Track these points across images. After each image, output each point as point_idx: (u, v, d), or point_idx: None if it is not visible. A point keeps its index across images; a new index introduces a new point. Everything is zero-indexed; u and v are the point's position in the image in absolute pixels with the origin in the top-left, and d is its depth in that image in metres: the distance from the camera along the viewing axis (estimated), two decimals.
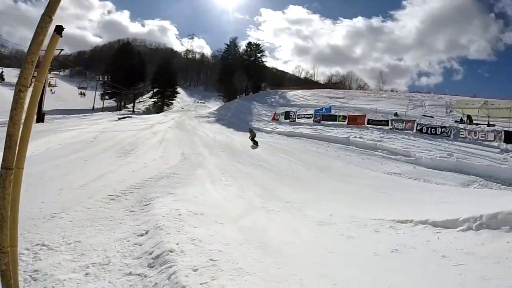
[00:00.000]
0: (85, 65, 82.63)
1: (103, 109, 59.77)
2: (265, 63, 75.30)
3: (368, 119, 32.13)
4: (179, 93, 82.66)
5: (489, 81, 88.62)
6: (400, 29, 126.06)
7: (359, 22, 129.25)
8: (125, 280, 4.33)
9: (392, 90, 63.20)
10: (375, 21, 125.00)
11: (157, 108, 72.70)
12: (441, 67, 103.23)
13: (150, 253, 4.95)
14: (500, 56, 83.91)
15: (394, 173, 20.09)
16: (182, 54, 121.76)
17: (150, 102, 76.65)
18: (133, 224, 6.40)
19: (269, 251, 5.59)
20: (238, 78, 64.62)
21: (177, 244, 5.10)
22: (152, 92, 77.04)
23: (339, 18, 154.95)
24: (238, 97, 65.58)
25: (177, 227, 5.99)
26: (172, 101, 78.05)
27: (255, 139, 28.19)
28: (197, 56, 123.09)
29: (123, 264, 4.76)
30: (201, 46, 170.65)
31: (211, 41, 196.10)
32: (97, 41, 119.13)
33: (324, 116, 36.42)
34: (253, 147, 26.09)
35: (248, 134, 28.91)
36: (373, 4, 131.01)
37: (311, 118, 37.61)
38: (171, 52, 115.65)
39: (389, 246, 6.03)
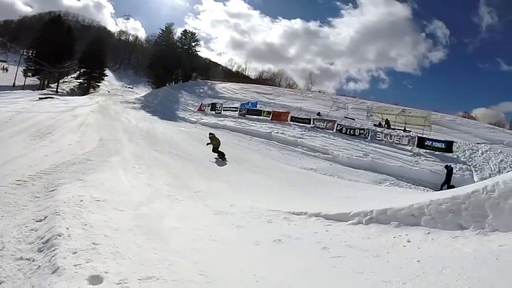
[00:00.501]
0: (11, 37, 76.47)
1: (24, 87, 55.66)
2: (198, 52, 74.58)
3: (292, 117, 32.61)
4: (107, 75, 77.89)
5: (411, 93, 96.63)
6: (336, 35, 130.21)
7: (297, 23, 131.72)
8: (15, 265, 4.42)
9: (319, 92, 64.64)
10: (313, 25, 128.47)
11: (83, 90, 67.94)
12: (369, 75, 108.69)
13: (42, 238, 4.99)
14: (424, 71, 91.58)
15: (311, 169, 20.48)
16: (115, 34, 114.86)
17: (75, 83, 71.31)
18: (35, 210, 6.32)
19: (154, 238, 5.61)
20: (169, 65, 63.33)
21: (67, 229, 5.16)
22: (78, 72, 71.52)
23: (279, 17, 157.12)
24: (167, 84, 63.91)
25: (74, 213, 6.04)
26: (99, 84, 73.27)
27: (220, 149, 19.13)
28: (131, 38, 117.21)
29: (16, 250, 4.82)
30: (136, 29, 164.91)
31: (147, 24, 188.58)
32: (27, 10, 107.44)
33: (249, 110, 36.53)
34: (218, 163, 17.89)
35: (207, 141, 19.61)
36: (313, 8, 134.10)
37: (237, 111, 37.50)
38: (104, 31, 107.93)
39: (274, 236, 5.90)
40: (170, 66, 64.05)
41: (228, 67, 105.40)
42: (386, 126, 30.97)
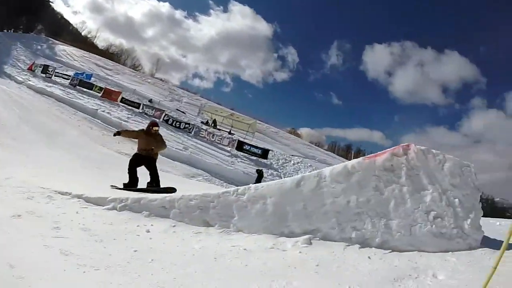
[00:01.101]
0: None
1: None
2: (52, 4, 69.55)
3: (123, 98, 32.36)
4: None
5: (251, 101, 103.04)
6: (197, 31, 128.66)
7: (164, 7, 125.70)
8: None
9: (162, 80, 63.52)
10: (179, 14, 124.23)
11: None
12: (216, 76, 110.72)
13: None
14: (265, 86, 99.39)
15: (126, 154, 20.56)
16: None
17: None
18: None
19: None
20: (13, 8, 55.38)
21: None
22: None
23: None
24: (4, 31, 55.32)
25: None
26: None
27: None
28: None
29: None
30: None
31: None
32: None
33: (82, 82, 34.89)
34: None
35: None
36: None
37: (69, 79, 35.40)
38: None
39: (17, 212, 5.65)
40: (14, 10, 55.94)
41: (78, 30, 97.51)
42: (212, 125, 32.61)
